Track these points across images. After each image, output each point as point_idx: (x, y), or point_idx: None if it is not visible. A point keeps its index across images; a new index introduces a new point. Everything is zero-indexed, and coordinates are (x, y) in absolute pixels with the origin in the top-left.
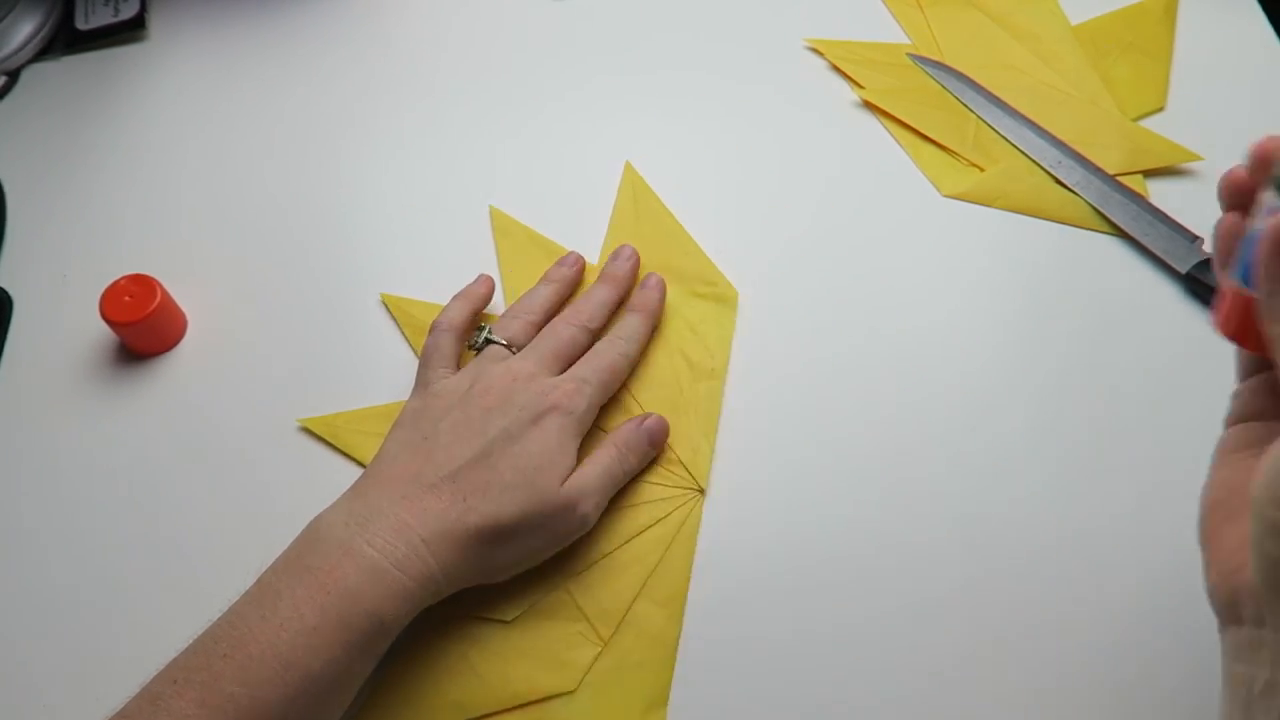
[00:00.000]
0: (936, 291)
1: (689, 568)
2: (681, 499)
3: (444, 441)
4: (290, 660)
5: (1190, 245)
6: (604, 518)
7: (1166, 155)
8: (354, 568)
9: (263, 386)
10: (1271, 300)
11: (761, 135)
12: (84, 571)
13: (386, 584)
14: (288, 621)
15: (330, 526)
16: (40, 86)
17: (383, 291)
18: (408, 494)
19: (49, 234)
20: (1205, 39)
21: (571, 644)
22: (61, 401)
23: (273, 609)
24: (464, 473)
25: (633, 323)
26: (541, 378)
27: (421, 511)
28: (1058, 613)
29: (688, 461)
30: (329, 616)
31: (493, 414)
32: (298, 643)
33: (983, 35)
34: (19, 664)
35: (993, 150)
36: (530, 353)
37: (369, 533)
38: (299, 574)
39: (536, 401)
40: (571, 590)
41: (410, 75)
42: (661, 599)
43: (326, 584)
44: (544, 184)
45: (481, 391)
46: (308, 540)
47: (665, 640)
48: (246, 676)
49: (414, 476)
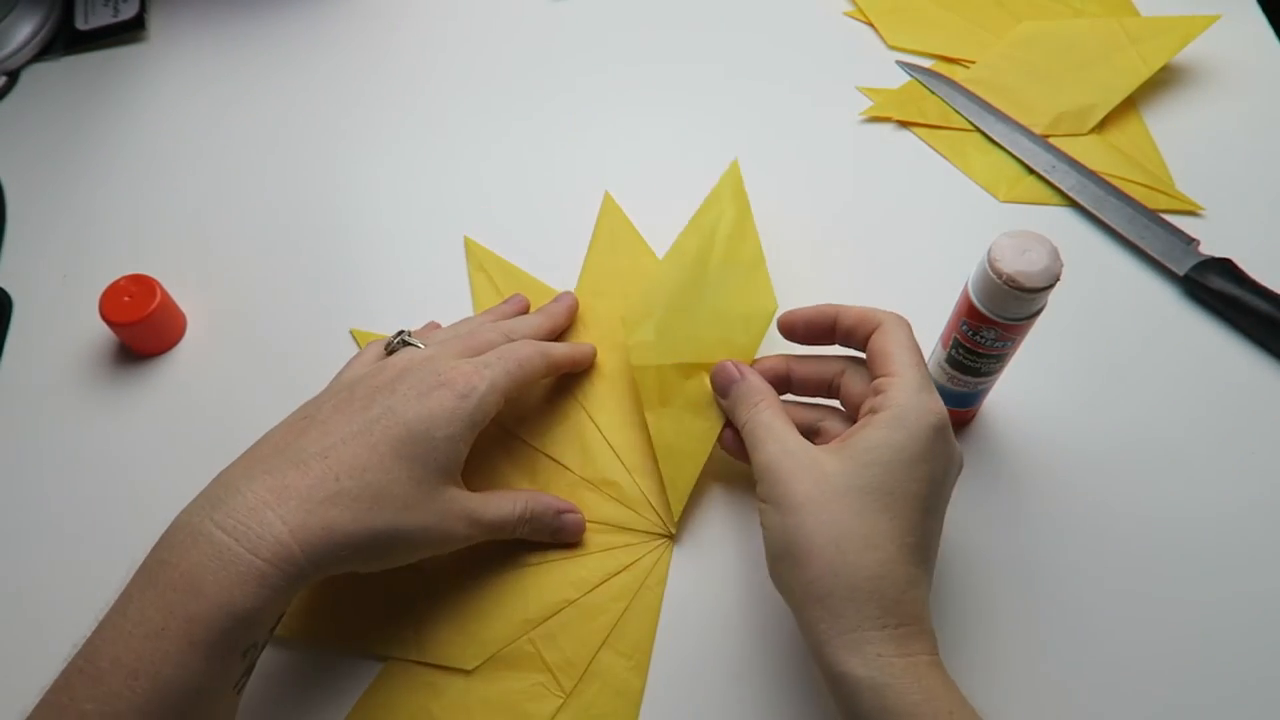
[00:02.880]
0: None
1: (656, 617)
2: (650, 544)
3: (322, 418)
4: (136, 669)
5: (1187, 247)
6: (569, 563)
7: (1183, 29)
8: (200, 555)
9: (262, 386)
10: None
11: (773, 153)
12: (84, 571)
13: (236, 569)
14: (136, 626)
15: (185, 513)
16: (40, 87)
17: (353, 328)
18: (270, 469)
19: (49, 234)
20: (1205, 39)
21: (533, 695)
22: (61, 401)
23: (123, 614)
24: (337, 449)
25: (560, 344)
26: (441, 359)
27: (282, 489)
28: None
29: (659, 505)
30: (175, 615)
31: (379, 391)
32: (145, 649)
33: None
34: (19, 664)
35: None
36: (436, 344)
37: (220, 514)
38: (150, 571)
39: (427, 379)
40: (534, 639)
41: (410, 76)
42: (626, 649)
43: (173, 578)
44: (522, 213)
45: (373, 374)
46: (165, 534)
47: (629, 692)
48: (97, 691)
49: (279, 451)
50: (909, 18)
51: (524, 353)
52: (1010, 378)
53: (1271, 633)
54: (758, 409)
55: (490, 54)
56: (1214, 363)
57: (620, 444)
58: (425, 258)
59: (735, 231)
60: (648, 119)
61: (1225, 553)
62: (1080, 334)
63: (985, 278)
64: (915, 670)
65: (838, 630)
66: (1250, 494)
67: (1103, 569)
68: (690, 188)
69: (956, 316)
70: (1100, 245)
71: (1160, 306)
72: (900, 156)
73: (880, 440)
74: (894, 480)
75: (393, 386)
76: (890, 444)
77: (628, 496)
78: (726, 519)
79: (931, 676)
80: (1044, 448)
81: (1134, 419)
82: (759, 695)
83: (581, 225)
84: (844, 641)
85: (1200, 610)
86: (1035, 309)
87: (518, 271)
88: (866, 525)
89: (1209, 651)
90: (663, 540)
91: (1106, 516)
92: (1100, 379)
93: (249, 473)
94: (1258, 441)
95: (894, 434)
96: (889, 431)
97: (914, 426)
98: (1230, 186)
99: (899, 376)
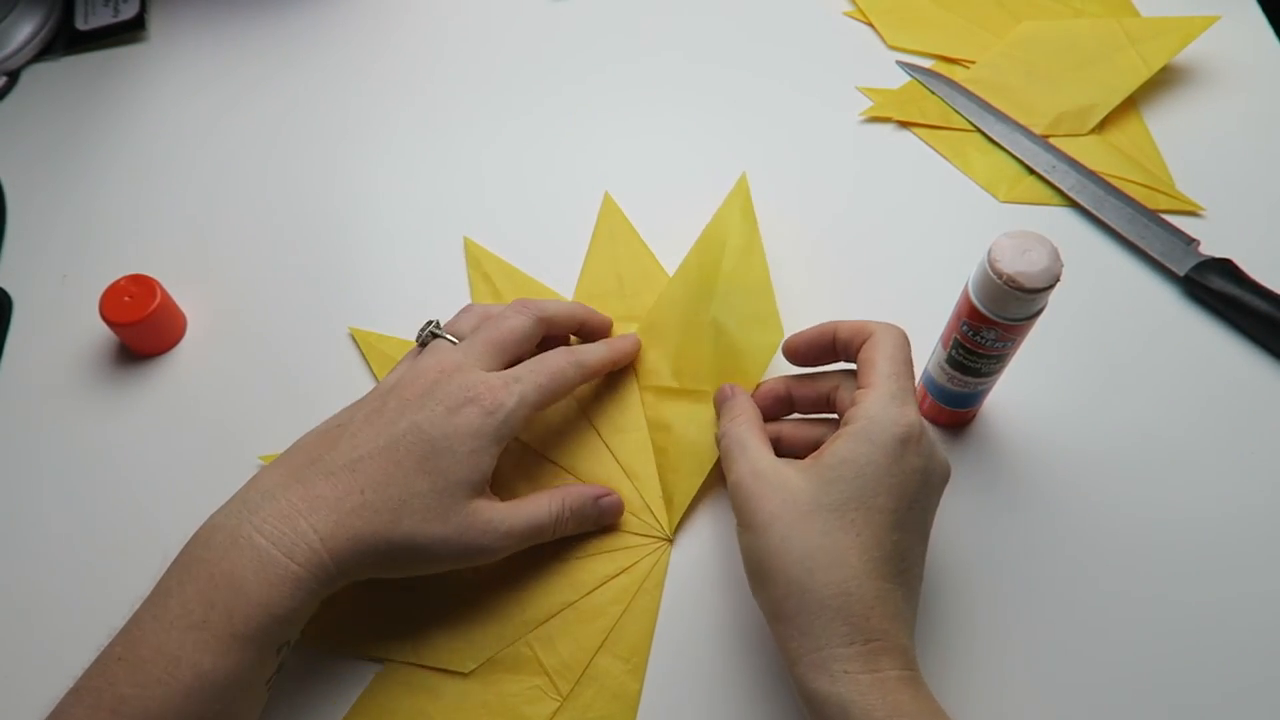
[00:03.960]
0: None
1: (653, 620)
2: (649, 548)
3: (354, 429)
4: (178, 657)
5: (1187, 247)
6: (567, 565)
7: (1183, 30)
8: (240, 557)
9: (261, 386)
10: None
11: (776, 156)
12: (83, 570)
13: (274, 572)
14: (177, 619)
15: (222, 515)
16: (40, 87)
17: (350, 325)
18: (302, 478)
19: (49, 234)
20: (1205, 39)
21: (530, 698)
22: (61, 401)
23: (164, 608)
24: (364, 463)
25: (596, 347)
26: (471, 371)
27: (313, 498)
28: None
29: (657, 509)
30: (216, 610)
31: (408, 406)
32: (186, 639)
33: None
34: (19, 664)
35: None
36: (467, 343)
37: (258, 518)
38: (189, 568)
39: (456, 394)
40: (531, 642)
41: (410, 76)
42: (624, 653)
43: (214, 576)
44: (526, 213)
45: (407, 383)
46: (200, 533)
47: (626, 695)
48: (138, 678)
49: (312, 462)
50: (909, 18)
51: (557, 365)
52: (1010, 378)
53: (1273, 633)
54: (734, 423)
55: (488, 54)
56: (1214, 363)
57: (620, 447)
58: (424, 258)
59: (743, 253)
60: (646, 119)
61: (1226, 553)
62: (1080, 334)
63: (985, 278)
64: (882, 687)
65: (806, 648)
66: (1250, 494)
67: (1103, 568)
68: (689, 187)
69: (956, 317)
70: (1100, 245)
71: (1160, 307)
72: (900, 157)
73: (846, 454)
74: (860, 495)
75: (421, 402)
76: (855, 458)
77: (627, 500)
78: (724, 523)
79: (900, 692)
80: (1044, 448)
81: (1134, 419)
82: (755, 700)
83: (580, 225)
84: (813, 660)
85: (1200, 610)
86: (1035, 309)
87: (517, 272)
88: (831, 542)
89: (1209, 651)
90: (661, 544)
91: (1106, 516)
92: (1100, 379)
93: (284, 481)
94: (1257, 441)
95: (859, 447)
96: (854, 445)
97: (880, 439)
98: (1230, 186)
99: (873, 388)
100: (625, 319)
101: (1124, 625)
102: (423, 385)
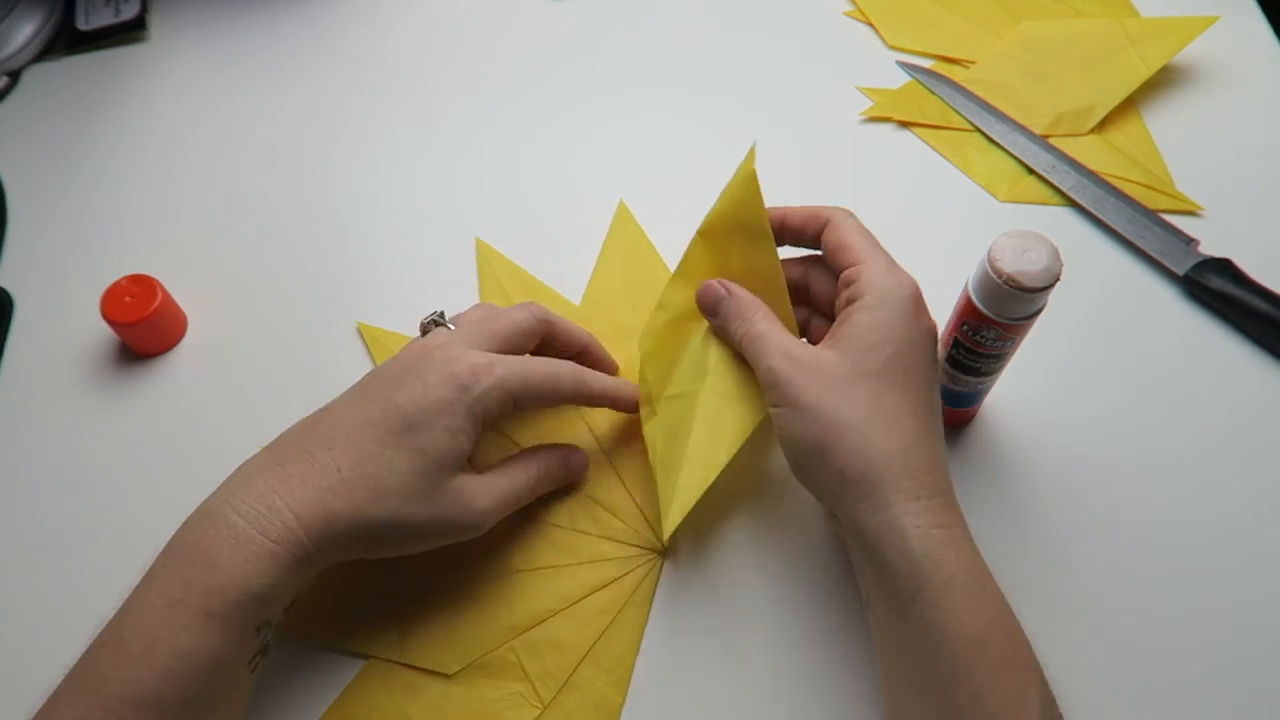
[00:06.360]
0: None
1: (640, 633)
2: (640, 559)
3: (335, 411)
4: (156, 636)
5: (1186, 247)
6: (556, 572)
7: (1183, 30)
8: (217, 536)
9: (263, 386)
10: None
11: (783, 157)
12: (84, 570)
13: (250, 550)
14: (156, 599)
15: (207, 500)
16: (41, 87)
17: (359, 321)
18: (282, 460)
19: (49, 234)
20: (1205, 39)
21: (511, 704)
22: (61, 401)
23: (147, 589)
24: (341, 441)
25: (603, 375)
26: (455, 348)
27: (288, 477)
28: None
29: (652, 517)
30: (194, 587)
31: (389, 383)
32: (164, 619)
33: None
34: (19, 664)
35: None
36: (460, 328)
37: (236, 499)
38: (173, 551)
39: (436, 369)
40: (516, 647)
41: (412, 75)
42: (608, 664)
43: (193, 556)
44: (534, 216)
45: (391, 363)
46: (189, 518)
47: (608, 707)
48: (119, 659)
49: (294, 443)
50: (909, 18)
51: (552, 367)
52: (1010, 378)
53: (1273, 633)
54: (751, 321)
55: (491, 54)
56: (1213, 362)
57: (617, 455)
58: (428, 260)
59: (752, 238)
60: (646, 119)
61: (1226, 553)
62: (1080, 334)
63: (985, 278)
64: (953, 542)
65: (874, 508)
66: (1250, 493)
67: (1102, 567)
68: (688, 187)
69: (956, 317)
70: (1100, 245)
71: (1160, 306)
72: (900, 156)
73: (871, 323)
74: (895, 358)
75: (401, 379)
76: (880, 325)
77: (621, 509)
78: (719, 537)
79: (967, 548)
80: (1044, 447)
81: (1133, 419)
82: (742, 718)
83: (581, 226)
84: (881, 519)
85: (1200, 609)
86: (1035, 309)
87: (527, 276)
88: (881, 403)
89: (1209, 650)
90: (652, 555)
91: (1106, 515)
92: (1100, 379)
93: (265, 463)
94: (1258, 441)
95: (881, 313)
96: (875, 313)
97: (896, 304)
98: (1230, 186)
99: (867, 263)
100: (630, 332)
101: (1122, 621)
102: (405, 363)
